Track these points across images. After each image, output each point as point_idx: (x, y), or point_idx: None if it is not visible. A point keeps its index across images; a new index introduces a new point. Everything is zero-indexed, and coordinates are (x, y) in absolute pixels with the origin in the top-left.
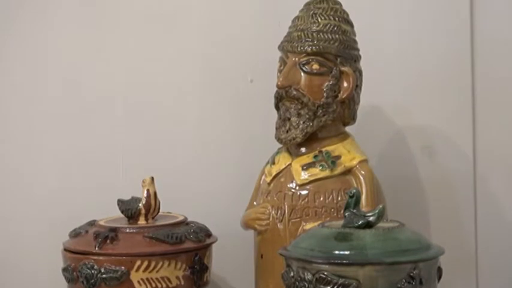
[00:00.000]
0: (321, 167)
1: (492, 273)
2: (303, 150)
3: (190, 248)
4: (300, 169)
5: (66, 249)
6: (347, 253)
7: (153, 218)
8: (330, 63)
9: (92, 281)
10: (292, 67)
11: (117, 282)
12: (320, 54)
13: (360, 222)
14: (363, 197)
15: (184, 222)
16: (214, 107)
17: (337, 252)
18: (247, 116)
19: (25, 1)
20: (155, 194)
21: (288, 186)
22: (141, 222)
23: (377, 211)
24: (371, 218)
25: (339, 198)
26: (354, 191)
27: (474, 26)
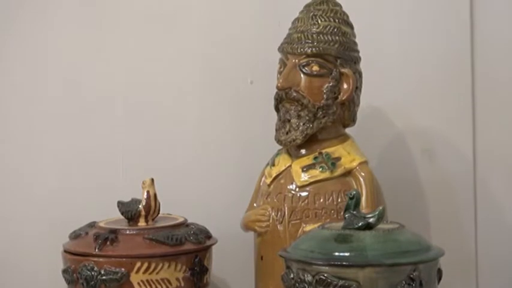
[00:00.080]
0: (321, 169)
1: (492, 275)
2: (303, 151)
3: (190, 250)
4: (300, 171)
5: (66, 251)
6: (347, 255)
7: (153, 220)
8: (329, 65)
9: (92, 282)
10: (292, 69)
11: (117, 284)
12: (320, 56)
13: (360, 224)
14: (363, 198)
15: (184, 224)
16: (214, 108)
17: (337, 253)
18: (247, 118)
19: (25, 1)
20: (155, 196)
21: (288, 187)
22: (141, 223)
23: (377, 213)
24: (371, 220)
25: (339, 200)
26: (354, 192)
27: (474, 28)
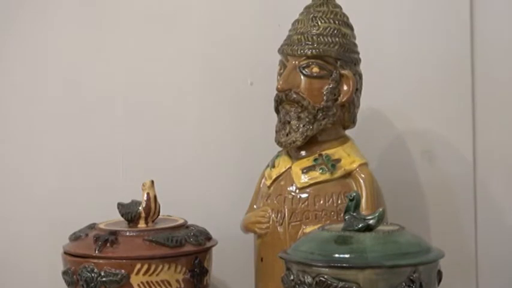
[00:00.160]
0: (321, 171)
1: (492, 277)
2: (303, 153)
3: (190, 251)
4: (300, 172)
5: (66, 253)
6: (347, 256)
7: (153, 221)
8: (330, 67)
9: (92, 284)
10: (292, 70)
11: (117, 286)
12: (320, 58)
13: (360, 226)
14: (363, 200)
15: (184, 226)
16: (214, 110)
17: (337, 255)
18: (247, 119)
19: (25, 1)
20: (155, 197)
21: (288, 189)
22: (141, 225)
23: (377, 214)
24: (371, 221)
25: (339, 202)
26: (354, 194)
27: (474, 30)
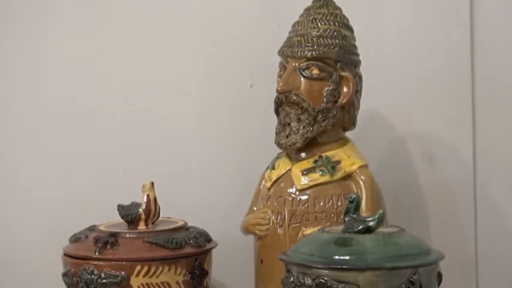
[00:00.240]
0: (321, 172)
1: (492, 278)
2: (303, 155)
3: (190, 253)
4: (300, 174)
5: (66, 254)
6: (347, 258)
7: (153, 223)
8: (329, 68)
9: (92, 286)
10: (292, 72)
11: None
12: (320, 59)
13: (360, 227)
14: (363, 202)
15: (184, 227)
16: (214, 111)
17: (337, 257)
18: (247, 121)
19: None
20: (155, 199)
21: (288, 191)
22: (141, 227)
23: (377, 216)
24: (371, 223)
25: (339, 204)
26: (354, 196)
27: (474, 31)
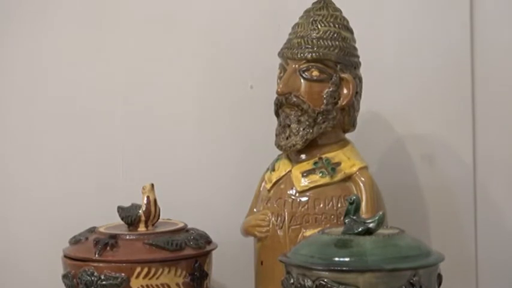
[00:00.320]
0: (321, 174)
1: (492, 280)
2: (303, 157)
3: (190, 255)
4: (300, 176)
5: (66, 256)
6: (347, 260)
7: (153, 225)
8: (330, 70)
9: (92, 287)
10: (292, 74)
11: None
12: (320, 61)
13: (360, 229)
14: (363, 203)
15: (184, 229)
16: (214, 112)
17: (337, 259)
18: (247, 123)
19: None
20: (155, 201)
21: (288, 193)
22: (141, 229)
23: (377, 218)
24: (371, 225)
25: (339, 205)
26: (354, 197)
27: (474, 33)
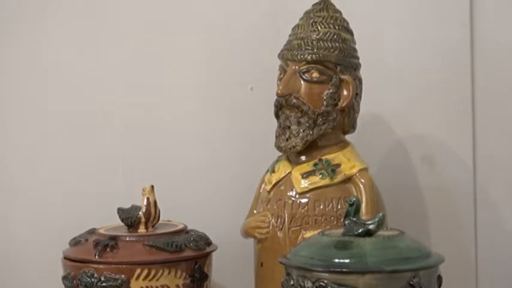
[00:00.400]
0: (320, 175)
1: (492, 282)
2: (303, 158)
3: (190, 256)
4: (300, 177)
5: (66, 258)
6: (347, 261)
7: (153, 227)
8: (329, 72)
9: None
10: (292, 75)
11: None
12: (320, 63)
13: (360, 231)
14: (363, 205)
15: (184, 231)
16: (214, 114)
17: (337, 260)
18: (247, 124)
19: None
20: (155, 203)
21: (288, 194)
22: (141, 230)
23: (377, 219)
24: (371, 226)
25: (339, 207)
26: (354, 199)
27: (474, 34)
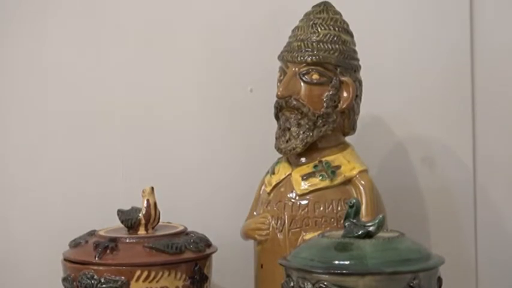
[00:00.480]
0: (320, 177)
1: (492, 283)
2: (303, 160)
3: (190, 258)
4: (300, 179)
5: (66, 259)
6: (347, 263)
7: (153, 228)
8: (329, 73)
9: None
10: (292, 77)
11: None
12: (320, 64)
13: (360, 232)
14: (363, 207)
15: (184, 232)
16: (214, 116)
17: (337, 262)
18: (247, 126)
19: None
20: (155, 204)
21: (288, 196)
22: (141, 232)
23: (377, 221)
24: (371, 228)
25: (339, 208)
26: (354, 201)
27: (474, 35)
